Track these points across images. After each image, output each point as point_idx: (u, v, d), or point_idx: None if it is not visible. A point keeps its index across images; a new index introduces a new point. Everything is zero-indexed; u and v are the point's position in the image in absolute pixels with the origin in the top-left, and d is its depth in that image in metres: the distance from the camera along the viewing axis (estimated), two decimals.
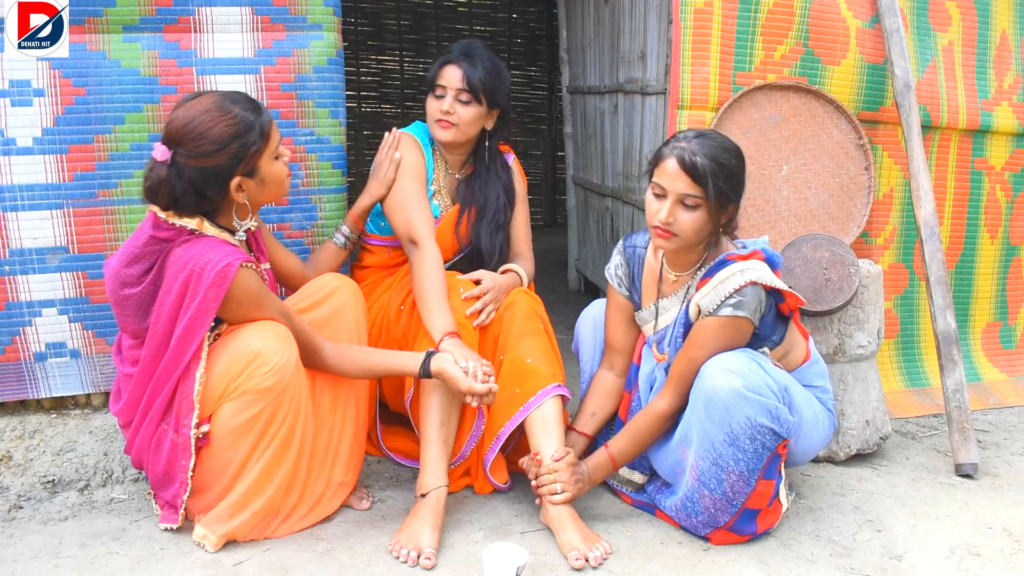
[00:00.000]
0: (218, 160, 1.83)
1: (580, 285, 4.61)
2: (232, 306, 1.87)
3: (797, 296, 2.02)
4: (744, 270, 1.94)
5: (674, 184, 1.92)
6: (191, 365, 1.86)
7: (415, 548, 1.94)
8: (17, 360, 2.31)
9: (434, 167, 2.47)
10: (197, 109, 1.84)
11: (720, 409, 1.90)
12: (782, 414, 1.91)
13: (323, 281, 2.15)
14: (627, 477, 2.23)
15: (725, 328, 1.95)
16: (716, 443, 1.92)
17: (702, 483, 1.97)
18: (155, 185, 1.84)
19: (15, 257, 2.25)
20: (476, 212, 2.47)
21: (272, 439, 1.93)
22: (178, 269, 1.82)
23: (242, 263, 1.83)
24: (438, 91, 2.36)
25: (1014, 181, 3.17)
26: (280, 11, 2.33)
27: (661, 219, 1.94)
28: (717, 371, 1.90)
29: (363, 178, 7.25)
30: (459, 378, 2.01)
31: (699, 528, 2.04)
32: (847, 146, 2.84)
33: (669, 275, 2.12)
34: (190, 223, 1.87)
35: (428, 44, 6.55)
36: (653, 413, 2.05)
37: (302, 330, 1.98)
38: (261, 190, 1.94)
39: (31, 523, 2.07)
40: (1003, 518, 2.25)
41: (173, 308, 1.83)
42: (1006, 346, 3.30)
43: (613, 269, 2.25)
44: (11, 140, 2.21)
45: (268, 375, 1.86)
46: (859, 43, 2.80)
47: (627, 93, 3.55)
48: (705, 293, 1.97)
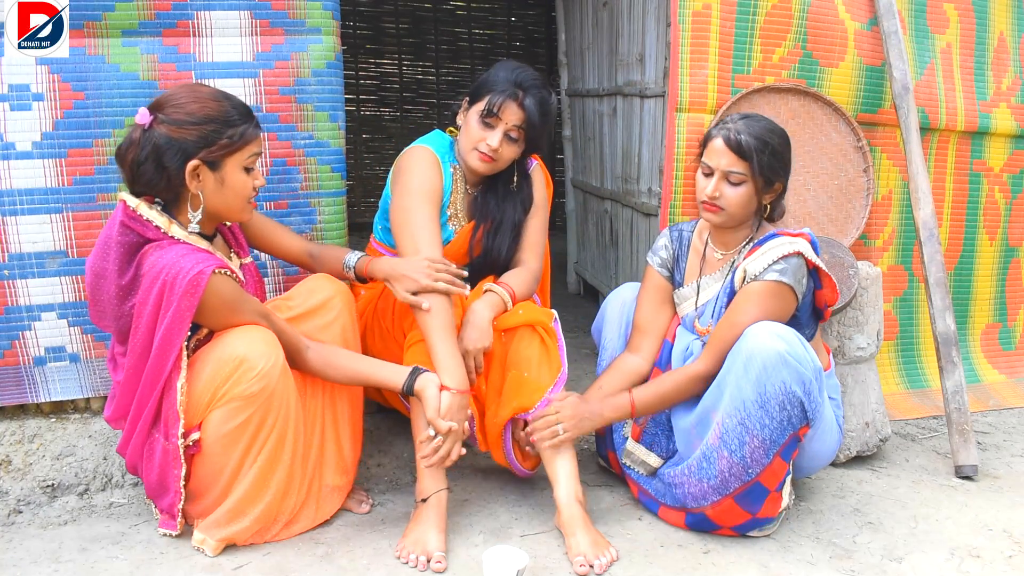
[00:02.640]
0: (187, 133, 1.82)
1: (579, 288, 4.61)
2: (208, 313, 1.85)
3: (835, 286, 2.09)
4: (793, 242, 2.02)
5: (719, 161, 2.04)
6: (172, 375, 1.85)
7: (424, 552, 1.94)
8: (16, 364, 2.31)
9: (452, 188, 2.34)
10: (192, 87, 1.92)
11: (759, 368, 1.91)
12: (813, 391, 1.94)
13: (316, 288, 2.11)
14: (642, 458, 2.21)
15: (770, 293, 2.00)
16: (747, 402, 1.94)
17: (724, 443, 1.97)
18: (125, 144, 1.85)
19: (14, 261, 2.25)
20: (492, 225, 2.37)
21: (264, 444, 1.92)
22: (152, 278, 1.80)
23: (215, 269, 1.81)
24: (490, 120, 2.21)
25: (1013, 183, 3.18)
26: (279, 15, 2.33)
27: (708, 193, 2.06)
28: (764, 332, 1.93)
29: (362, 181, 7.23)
30: (431, 406, 1.96)
31: (707, 494, 2.03)
32: (846, 148, 2.84)
33: (714, 254, 2.19)
34: (157, 219, 1.85)
35: (427, 48, 6.56)
36: (687, 372, 2.08)
37: (283, 331, 1.96)
38: (217, 191, 1.89)
39: (30, 527, 2.07)
40: (1003, 520, 2.25)
41: (151, 318, 1.82)
42: (1005, 347, 3.30)
43: (656, 251, 2.30)
44: (10, 144, 2.21)
45: (254, 381, 1.85)
46: (857, 45, 2.81)
47: (626, 96, 3.55)
48: (754, 259, 2.03)
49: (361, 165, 6.45)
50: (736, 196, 2.04)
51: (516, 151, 2.28)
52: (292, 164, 2.40)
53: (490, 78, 2.24)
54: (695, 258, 2.24)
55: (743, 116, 2.08)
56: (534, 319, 2.20)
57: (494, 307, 2.19)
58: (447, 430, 1.96)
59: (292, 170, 2.40)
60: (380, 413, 2.63)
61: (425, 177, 2.24)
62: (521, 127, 2.23)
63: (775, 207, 2.14)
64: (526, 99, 2.20)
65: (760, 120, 2.07)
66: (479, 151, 2.24)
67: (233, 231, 2.10)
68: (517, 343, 2.20)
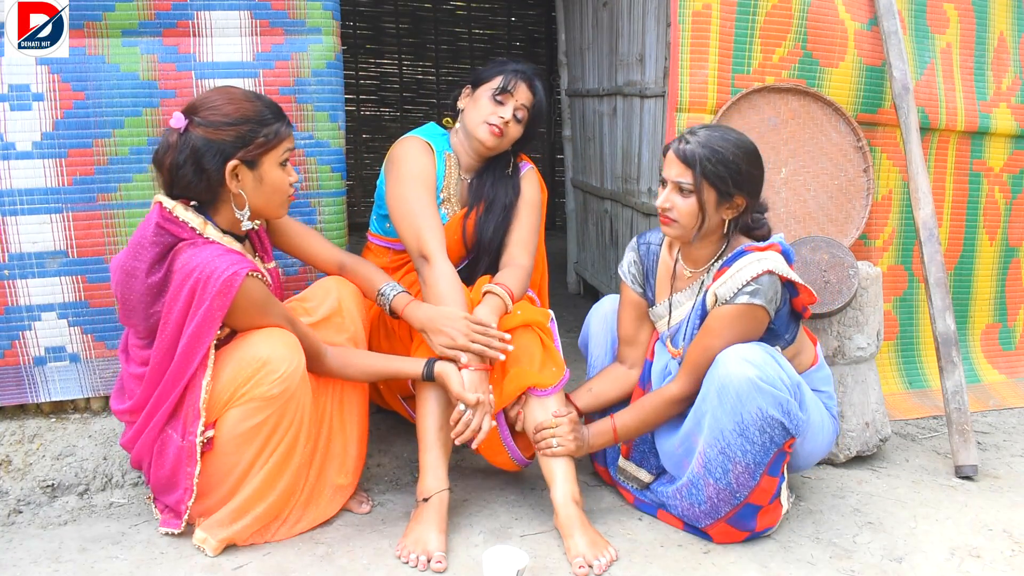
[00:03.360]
0: (224, 135, 1.85)
1: (579, 288, 4.61)
2: (238, 315, 1.88)
3: (810, 291, 2.05)
4: (761, 259, 1.97)
5: (669, 171, 2.02)
6: (197, 373, 1.86)
7: (424, 552, 1.94)
8: (16, 364, 2.31)
9: (445, 174, 2.41)
10: (225, 88, 1.94)
11: (733, 397, 1.90)
12: (793, 409, 1.92)
13: (323, 285, 2.15)
14: (633, 474, 2.24)
15: (742, 316, 1.96)
16: (726, 432, 1.93)
17: (708, 471, 1.97)
18: (162, 149, 1.88)
19: (14, 261, 2.25)
20: (484, 206, 2.41)
21: (277, 446, 1.93)
22: (185, 276, 1.82)
23: (249, 272, 1.84)
24: (502, 97, 2.31)
25: (1012, 183, 3.18)
26: (279, 15, 2.33)
27: (659, 204, 2.04)
28: (733, 360, 1.91)
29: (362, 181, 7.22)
30: (455, 382, 2.02)
31: (700, 518, 2.04)
32: (846, 148, 2.84)
33: (684, 271, 2.15)
34: (193, 220, 1.87)
35: (427, 48, 6.56)
36: (663, 396, 2.07)
37: (306, 335, 1.99)
38: (257, 189, 1.93)
39: (30, 527, 2.07)
40: (1003, 520, 2.25)
41: (180, 315, 1.84)
42: (1005, 347, 3.30)
43: (627, 266, 2.27)
44: (10, 144, 2.21)
45: (276, 383, 1.87)
46: (857, 45, 2.81)
47: (626, 96, 3.55)
48: (723, 281, 1.99)
49: (361, 165, 6.45)
50: (686, 207, 1.98)
51: (519, 133, 2.37)
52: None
53: (497, 64, 2.37)
54: (665, 273, 2.21)
55: (705, 127, 2.02)
56: (532, 319, 2.21)
57: (497, 311, 2.19)
58: (475, 401, 2.00)
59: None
60: (380, 413, 2.63)
61: (418, 164, 2.33)
62: (528, 108, 2.34)
63: (738, 223, 2.05)
64: (535, 83, 2.35)
65: (723, 132, 2.00)
66: (490, 124, 2.31)
67: (260, 235, 2.12)
68: (517, 345, 2.20)
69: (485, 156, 2.42)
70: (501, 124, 2.30)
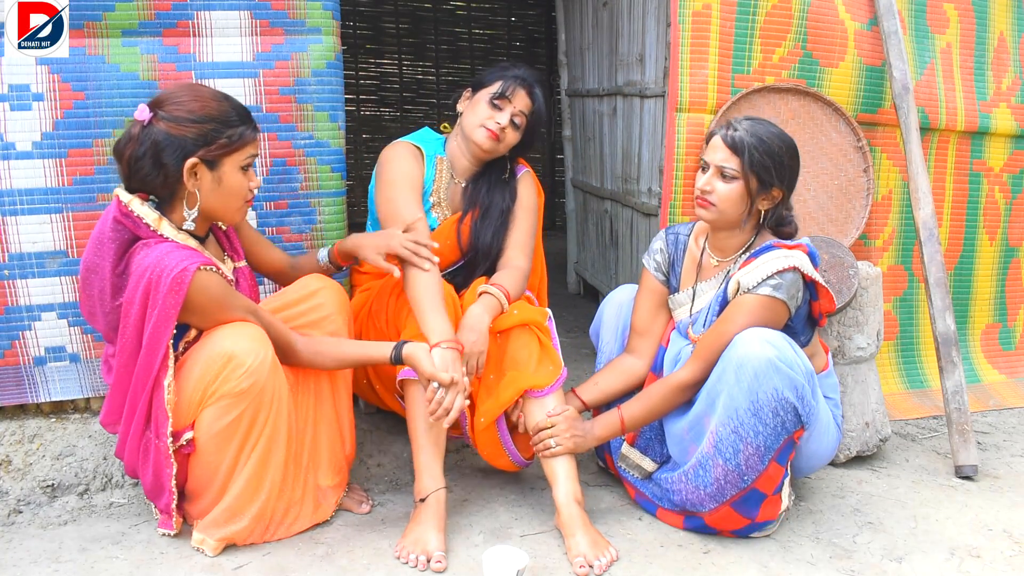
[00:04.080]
0: (186, 131, 1.83)
1: (579, 288, 4.61)
2: (195, 311, 1.85)
3: (831, 297, 2.07)
4: (788, 256, 2.00)
5: (715, 156, 2.04)
6: (160, 374, 1.85)
7: (423, 552, 1.94)
8: (16, 364, 2.31)
9: (435, 177, 2.42)
10: (193, 86, 1.95)
11: (750, 376, 1.91)
12: (806, 395, 1.94)
13: (305, 283, 2.13)
14: (636, 462, 2.23)
15: (762, 307, 1.98)
16: (740, 411, 1.93)
17: (718, 451, 1.97)
18: (124, 140, 1.86)
19: (14, 261, 2.25)
20: (481, 212, 2.41)
21: (257, 441, 1.92)
22: (138, 278, 1.80)
23: (199, 266, 1.81)
24: (500, 102, 2.32)
25: (1012, 182, 3.18)
26: (279, 15, 2.33)
27: (700, 186, 2.05)
28: (753, 339, 1.92)
29: (362, 181, 7.24)
30: (425, 364, 1.97)
31: (704, 502, 2.04)
32: (846, 148, 2.84)
33: (711, 260, 2.17)
34: (148, 216, 1.85)
35: (427, 48, 6.56)
36: (671, 383, 2.08)
37: (271, 325, 1.96)
38: (215, 191, 1.89)
39: (30, 528, 2.07)
40: (1003, 520, 2.25)
41: (138, 319, 1.82)
42: (1005, 347, 3.30)
43: (652, 254, 2.29)
44: (10, 144, 2.21)
45: (243, 377, 1.85)
46: (857, 45, 2.81)
47: (626, 96, 3.55)
48: (748, 271, 2.01)
49: (361, 165, 6.45)
50: (727, 192, 2.03)
51: (516, 139, 2.37)
52: (292, 164, 2.40)
53: (499, 69, 2.37)
54: (691, 263, 2.23)
55: (751, 119, 2.07)
56: (529, 319, 2.21)
57: (491, 310, 2.19)
58: (449, 380, 1.95)
59: (292, 170, 2.41)
60: (379, 414, 2.64)
61: (404, 168, 2.35)
62: (527, 115, 2.35)
63: (773, 215, 2.09)
64: (535, 90, 2.35)
65: (766, 125, 2.05)
66: (487, 127, 2.32)
67: (228, 234, 2.10)
68: (514, 344, 2.20)
69: (482, 160, 2.42)
70: (497, 129, 2.31)
